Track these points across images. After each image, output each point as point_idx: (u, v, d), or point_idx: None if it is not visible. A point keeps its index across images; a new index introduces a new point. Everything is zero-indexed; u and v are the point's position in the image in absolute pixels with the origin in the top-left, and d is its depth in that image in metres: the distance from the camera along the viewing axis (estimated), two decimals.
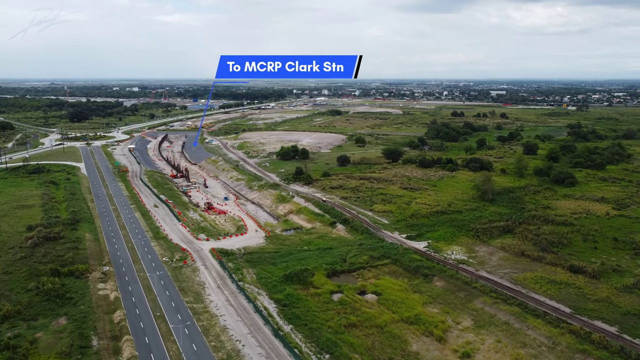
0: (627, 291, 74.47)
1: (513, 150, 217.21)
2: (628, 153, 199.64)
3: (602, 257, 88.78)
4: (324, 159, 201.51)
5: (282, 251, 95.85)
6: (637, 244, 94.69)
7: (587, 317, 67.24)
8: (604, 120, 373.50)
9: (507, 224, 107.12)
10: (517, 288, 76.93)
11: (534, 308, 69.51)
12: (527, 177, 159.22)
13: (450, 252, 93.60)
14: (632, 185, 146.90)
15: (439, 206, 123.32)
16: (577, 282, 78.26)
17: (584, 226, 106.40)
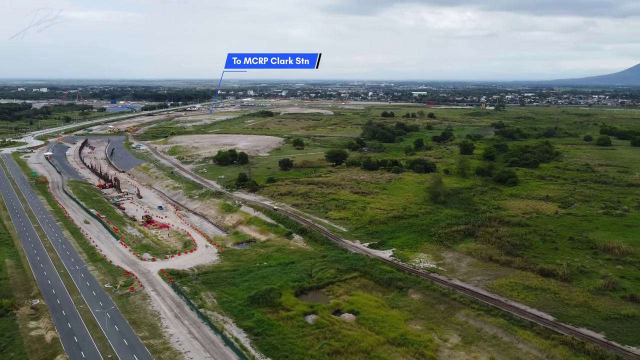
0: (600, 294, 74.23)
1: (450, 150, 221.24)
2: (556, 151, 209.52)
3: (565, 258, 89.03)
4: (264, 163, 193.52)
5: (240, 269, 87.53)
6: (593, 243, 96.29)
7: (572, 324, 65.69)
8: (522, 120, 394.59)
9: (467, 227, 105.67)
10: (494, 297, 74.42)
11: (520, 319, 66.99)
12: (470, 178, 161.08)
13: (417, 261, 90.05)
14: (568, 183, 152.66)
15: (395, 210, 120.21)
16: (550, 286, 77.19)
17: (538, 226, 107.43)
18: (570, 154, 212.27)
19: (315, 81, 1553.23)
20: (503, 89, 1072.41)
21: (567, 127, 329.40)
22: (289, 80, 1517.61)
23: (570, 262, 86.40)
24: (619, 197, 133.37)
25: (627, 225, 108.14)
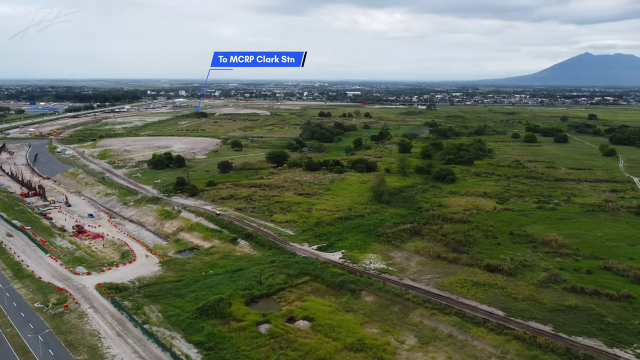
0: (544, 287, 76.85)
1: (389, 149, 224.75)
2: (488, 149, 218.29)
3: (508, 252, 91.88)
4: (202, 165, 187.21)
5: (185, 279, 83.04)
6: (531, 237, 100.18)
7: (521, 318, 67.31)
8: (453, 118, 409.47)
9: (413, 226, 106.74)
10: (446, 295, 75.11)
11: (472, 316, 67.86)
12: (411, 176, 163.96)
13: (367, 262, 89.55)
14: (502, 179, 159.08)
15: (340, 211, 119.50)
16: (497, 281, 79.05)
17: (480, 222, 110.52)
18: (501, 150, 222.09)
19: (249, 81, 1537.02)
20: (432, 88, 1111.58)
21: (494, 125, 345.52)
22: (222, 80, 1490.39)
23: (513, 257, 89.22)
24: (549, 191, 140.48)
25: (560, 219, 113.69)
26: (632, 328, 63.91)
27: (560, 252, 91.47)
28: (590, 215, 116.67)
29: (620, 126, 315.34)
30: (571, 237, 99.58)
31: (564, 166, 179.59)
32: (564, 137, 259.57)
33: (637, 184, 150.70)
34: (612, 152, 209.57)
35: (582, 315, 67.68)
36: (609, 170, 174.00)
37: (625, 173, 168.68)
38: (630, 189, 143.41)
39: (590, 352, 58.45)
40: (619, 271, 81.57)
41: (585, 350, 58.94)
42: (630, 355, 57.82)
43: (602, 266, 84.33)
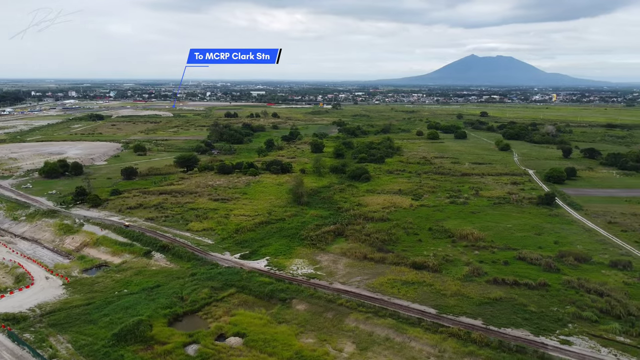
0: (468, 280, 79.01)
1: (301, 150, 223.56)
2: (397, 146, 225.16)
3: (430, 249, 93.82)
4: (103, 172, 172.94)
5: (96, 301, 74.53)
6: (449, 231, 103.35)
7: (452, 314, 68.30)
8: (358, 117, 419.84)
9: (336, 227, 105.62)
10: (378, 296, 74.46)
11: (407, 316, 67.63)
12: (326, 176, 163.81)
13: (294, 267, 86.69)
14: (414, 175, 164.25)
15: (260, 216, 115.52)
16: (425, 279, 79.98)
17: (399, 220, 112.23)
18: (408, 148, 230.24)
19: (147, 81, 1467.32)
20: (335, 88, 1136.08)
21: (398, 124, 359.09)
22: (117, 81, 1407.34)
23: (436, 253, 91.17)
24: (458, 186, 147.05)
25: (472, 212, 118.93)
26: (552, 315, 67.27)
27: (478, 245, 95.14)
28: (498, 207, 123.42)
29: (509, 122, 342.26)
30: (485, 230, 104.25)
31: (467, 161, 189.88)
32: (463, 133, 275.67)
33: (532, 176, 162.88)
34: (507, 146, 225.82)
35: (507, 306, 70.20)
36: (507, 164, 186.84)
37: (520, 166, 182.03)
38: (527, 181, 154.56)
39: (520, 342, 60.40)
40: (532, 260, 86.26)
41: (516, 341, 60.84)
42: (556, 342, 60.55)
43: (516, 256, 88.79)
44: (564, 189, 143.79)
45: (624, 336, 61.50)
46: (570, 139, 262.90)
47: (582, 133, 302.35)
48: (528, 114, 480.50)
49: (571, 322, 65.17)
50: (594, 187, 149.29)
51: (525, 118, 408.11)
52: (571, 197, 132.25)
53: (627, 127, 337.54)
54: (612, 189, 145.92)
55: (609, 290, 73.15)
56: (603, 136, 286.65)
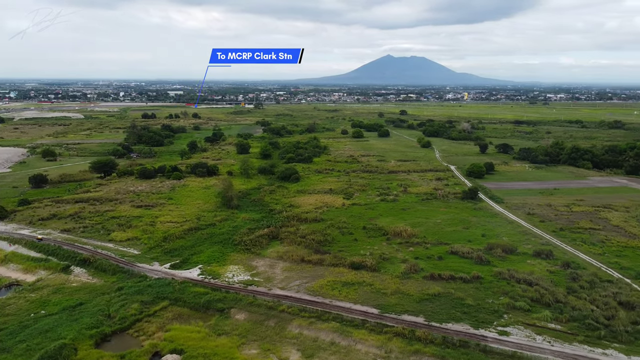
0: (407, 278, 79.75)
1: (227, 151, 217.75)
2: (323, 145, 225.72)
3: (366, 247, 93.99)
4: (8, 181, 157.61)
5: (8, 326, 66.60)
6: (383, 229, 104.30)
7: (394, 313, 68.36)
8: (282, 117, 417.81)
9: (270, 230, 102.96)
10: (319, 300, 72.98)
11: (351, 318, 66.73)
12: (255, 178, 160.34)
13: (230, 275, 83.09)
14: (343, 174, 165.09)
15: (189, 222, 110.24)
16: (364, 278, 79.70)
17: (333, 219, 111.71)
18: (335, 147, 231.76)
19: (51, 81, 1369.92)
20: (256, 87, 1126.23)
21: (322, 122, 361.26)
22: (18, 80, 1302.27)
23: (372, 251, 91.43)
24: (386, 183, 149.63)
25: (403, 209, 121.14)
26: (488, 307, 69.37)
27: (412, 242, 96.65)
28: (426, 203, 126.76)
29: (427, 120, 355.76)
30: (416, 226, 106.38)
31: (393, 159, 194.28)
32: (386, 132, 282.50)
33: (454, 172, 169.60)
34: (428, 143, 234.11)
35: (446, 301, 71.51)
36: (430, 160, 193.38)
37: (443, 162, 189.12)
38: (451, 177, 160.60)
39: (462, 337, 61.51)
40: (464, 254, 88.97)
41: (458, 335, 61.91)
42: (494, 334, 62.31)
43: (449, 251, 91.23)
44: (484, 183, 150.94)
45: (554, 323, 64.63)
46: (484, 135, 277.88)
47: (493, 129, 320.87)
48: (443, 111, 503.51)
49: (506, 313, 67.55)
50: (510, 180, 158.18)
51: (442, 116, 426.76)
52: (492, 191, 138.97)
53: (533, 123, 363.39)
54: (526, 182, 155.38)
55: (537, 279, 76.87)
56: (512, 132, 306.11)
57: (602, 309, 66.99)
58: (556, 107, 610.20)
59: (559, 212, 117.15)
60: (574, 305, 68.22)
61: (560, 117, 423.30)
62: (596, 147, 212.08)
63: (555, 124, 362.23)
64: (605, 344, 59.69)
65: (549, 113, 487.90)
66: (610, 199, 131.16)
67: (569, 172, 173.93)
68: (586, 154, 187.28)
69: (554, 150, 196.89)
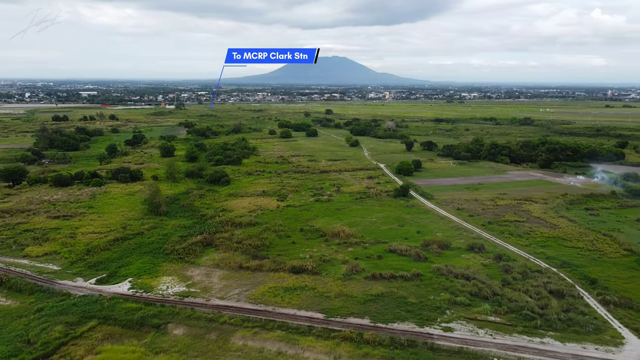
0: (349, 279, 79.01)
1: (150, 154, 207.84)
2: (252, 146, 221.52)
3: (305, 250, 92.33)
4: None
5: None
6: (320, 230, 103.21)
7: (340, 316, 67.28)
8: (206, 117, 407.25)
9: (203, 237, 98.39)
10: (262, 308, 70.33)
11: (296, 325, 64.71)
12: (182, 182, 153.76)
13: (164, 287, 78.12)
14: (274, 175, 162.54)
15: (114, 232, 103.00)
16: (306, 283, 78.01)
17: (268, 223, 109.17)
18: (264, 147, 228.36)
19: None
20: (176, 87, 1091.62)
21: (248, 123, 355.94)
22: None
23: (312, 254, 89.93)
24: (319, 183, 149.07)
25: (338, 209, 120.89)
26: (431, 304, 70.19)
27: (350, 242, 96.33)
28: (360, 202, 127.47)
29: (353, 119, 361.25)
30: (353, 226, 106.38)
31: (324, 158, 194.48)
32: (314, 131, 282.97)
33: (384, 170, 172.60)
34: (356, 142, 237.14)
35: (390, 301, 71.51)
36: (360, 159, 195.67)
37: (372, 161, 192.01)
38: (381, 175, 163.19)
39: (409, 336, 61.57)
40: (402, 252, 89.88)
41: (405, 335, 61.91)
42: (439, 331, 62.99)
43: (387, 249, 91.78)
44: (414, 180, 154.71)
45: (494, 315, 66.55)
46: (408, 133, 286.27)
47: (416, 127, 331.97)
48: (367, 110, 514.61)
49: (448, 309, 68.66)
50: (437, 176, 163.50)
51: (366, 115, 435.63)
52: (422, 188, 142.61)
53: (452, 121, 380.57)
54: (452, 178, 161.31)
55: (473, 273, 79.06)
56: (434, 130, 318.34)
57: (535, 299, 69.98)
58: (471, 105, 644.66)
59: (486, 206, 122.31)
60: (510, 297, 70.74)
61: (476, 114, 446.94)
62: (511, 142, 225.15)
63: (472, 122, 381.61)
64: (542, 332, 62.23)
65: (465, 111, 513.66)
66: (529, 192, 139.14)
67: (489, 167, 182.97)
68: (504, 149, 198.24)
69: (474, 146, 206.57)
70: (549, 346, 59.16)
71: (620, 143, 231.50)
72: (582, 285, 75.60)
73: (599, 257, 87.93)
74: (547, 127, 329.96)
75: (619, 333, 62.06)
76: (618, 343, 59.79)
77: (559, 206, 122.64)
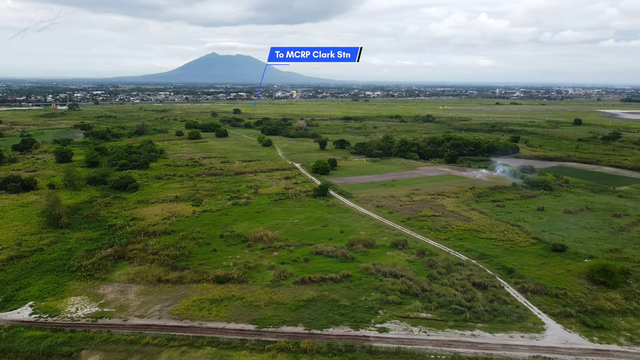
0: (277, 286, 76.08)
1: (43, 160, 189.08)
2: (159, 149, 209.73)
3: (228, 258, 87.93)
4: None
5: None
6: (242, 235, 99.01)
7: (273, 326, 64.35)
8: (104, 119, 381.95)
9: (114, 249, 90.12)
10: (187, 324, 65.35)
11: (227, 340, 60.72)
12: (84, 190, 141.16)
13: (73, 309, 70.08)
14: (186, 179, 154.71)
15: (7, 249, 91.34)
16: (233, 292, 74.00)
17: (185, 230, 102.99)
18: (172, 150, 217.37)
19: None
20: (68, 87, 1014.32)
21: (152, 124, 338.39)
22: None
23: (236, 261, 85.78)
24: (235, 186, 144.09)
25: (257, 212, 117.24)
26: (363, 305, 69.49)
27: (274, 246, 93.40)
28: (280, 204, 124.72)
29: (263, 118, 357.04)
30: (275, 229, 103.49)
31: (237, 160, 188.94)
32: (224, 131, 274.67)
33: (300, 169, 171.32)
34: (269, 142, 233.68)
35: (322, 305, 69.77)
36: (274, 159, 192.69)
37: (287, 160, 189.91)
38: (298, 175, 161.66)
39: (346, 340, 60.24)
40: (329, 253, 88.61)
41: (341, 340, 60.49)
42: (375, 332, 62.38)
43: (313, 252, 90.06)
44: (331, 179, 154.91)
45: (425, 312, 67.31)
46: (319, 131, 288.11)
47: (326, 126, 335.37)
48: (276, 109, 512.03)
49: (381, 309, 68.39)
50: (353, 174, 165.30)
51: (276, 114, 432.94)
52: (340, 187, 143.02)
53: (360, 119, 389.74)
54: (367, 175, 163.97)
55: (401, 270, 79.73)
56: (344, 128, 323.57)
57: (461, 292, 71.93)
58: (376, 103, 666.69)
59: (403, 203, 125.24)
60: (439, 292, 72.09)
61: (381, 112, 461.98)
62: (418, 139, 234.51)
63: (379, 119, 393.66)
64: (472, 325, 63.90)
65: (371, 109, 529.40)
66: (440, 186, 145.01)
67: (401, 163, 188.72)
68: (413, 146, 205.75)
69: (385, 144, 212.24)
70: (480, 338, 60.81)
71: (514, 138, 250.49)
72: (501, 275, 79.22)
73: (511, 246, 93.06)
74: (447, 123, 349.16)
75: (539, 319, 65.47)
76: (540, 329, 62.98)
77: (469, 199, 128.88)
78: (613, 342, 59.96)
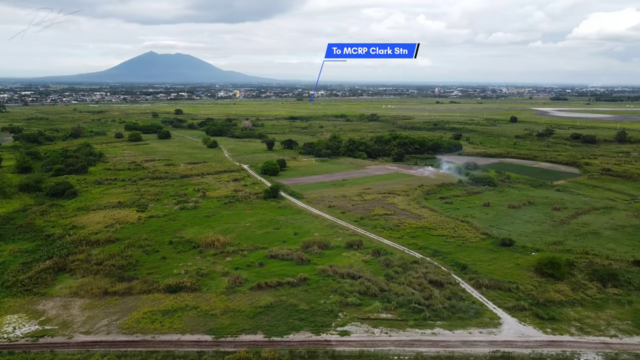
0: (232, 292, 73.39)
1: None
2: (98, 152, 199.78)
3: (179, 265, 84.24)
4: None
5: None
6: (192, 241, 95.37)
7: (231, 335, 61.93)
8: (35, 121, 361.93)
9: (53, 261, 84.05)
10: (139, 338, 61.63)
11: (184, 354, 57.73)
12: (16, 197, 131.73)
13: (9, 329, 64.47)
14: (129, 184, 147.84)
15: None
16: (186, 302, 70.74)
17: (131, 238, 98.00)
18: (111, 153, 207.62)
19: None
20: None
21: (88, 126, 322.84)
22: None
23: (187, 269, 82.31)
24: (182, 190, 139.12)
25: (207, 216, 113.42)
26: (322, 308, 68.27)
27: (227, 251, 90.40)
28: (230, 207, 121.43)
29: (207, 119, 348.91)
30: (227, 233, 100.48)
31: (182, 162, 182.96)
32: (166, 133, 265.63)
33: (249, 171, 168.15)
34: (215, 143, 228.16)
35: (280, 311, 67.96)
36: (221, 161, 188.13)
37: (234, 162, 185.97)
38: (247, 176, 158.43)
39: (307, 346, 58.82)
40: (283, 256, 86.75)
41: (303, 346, 58.99)
42: (336, 336, 61.32)
43: (267, 255, 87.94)
44: (280, 180, 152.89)
45: (385, 312, 67.04)
46: (265, 132, 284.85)
47: (272, 126, 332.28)
48: (219, 109, 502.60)
49: (341, 311, 67.42)
50: (303, 175, 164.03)
51: (219, 114, 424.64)
52: (290, 187, 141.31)
53: (305, 118, 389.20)
54: (317, 175, 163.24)
55: (358, 271, 79.20)
56: (290, 128, 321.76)
57: (419, 290, 72.28)
58: (320, 102, 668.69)
59: (355, 202, 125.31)
60: (397, 291, 72.06)
61: (327, 112, 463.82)
62: (365, 138, 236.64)
63: (324, 119, 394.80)
64: (431, 323, 64.22)
65: (316, 108, 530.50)
66: (390, 185, 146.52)
67: (349, 162, 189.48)
68: (360, 145, 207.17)
69: (333, 143, 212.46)
70: (441, 336, 61.17)
71: (456, 135, 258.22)
72: (455, 272, 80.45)
73: (462, 242, 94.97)
74: (391, 122, 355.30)
75: (495, 314, 66.81)
76: (497, 324, 64.23)
77: (419, 197, 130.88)
78: (565, 333, 62.06)
